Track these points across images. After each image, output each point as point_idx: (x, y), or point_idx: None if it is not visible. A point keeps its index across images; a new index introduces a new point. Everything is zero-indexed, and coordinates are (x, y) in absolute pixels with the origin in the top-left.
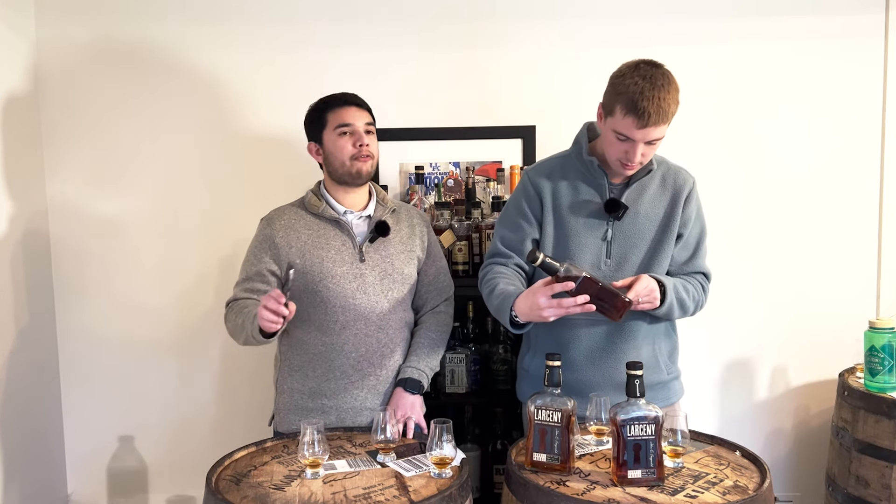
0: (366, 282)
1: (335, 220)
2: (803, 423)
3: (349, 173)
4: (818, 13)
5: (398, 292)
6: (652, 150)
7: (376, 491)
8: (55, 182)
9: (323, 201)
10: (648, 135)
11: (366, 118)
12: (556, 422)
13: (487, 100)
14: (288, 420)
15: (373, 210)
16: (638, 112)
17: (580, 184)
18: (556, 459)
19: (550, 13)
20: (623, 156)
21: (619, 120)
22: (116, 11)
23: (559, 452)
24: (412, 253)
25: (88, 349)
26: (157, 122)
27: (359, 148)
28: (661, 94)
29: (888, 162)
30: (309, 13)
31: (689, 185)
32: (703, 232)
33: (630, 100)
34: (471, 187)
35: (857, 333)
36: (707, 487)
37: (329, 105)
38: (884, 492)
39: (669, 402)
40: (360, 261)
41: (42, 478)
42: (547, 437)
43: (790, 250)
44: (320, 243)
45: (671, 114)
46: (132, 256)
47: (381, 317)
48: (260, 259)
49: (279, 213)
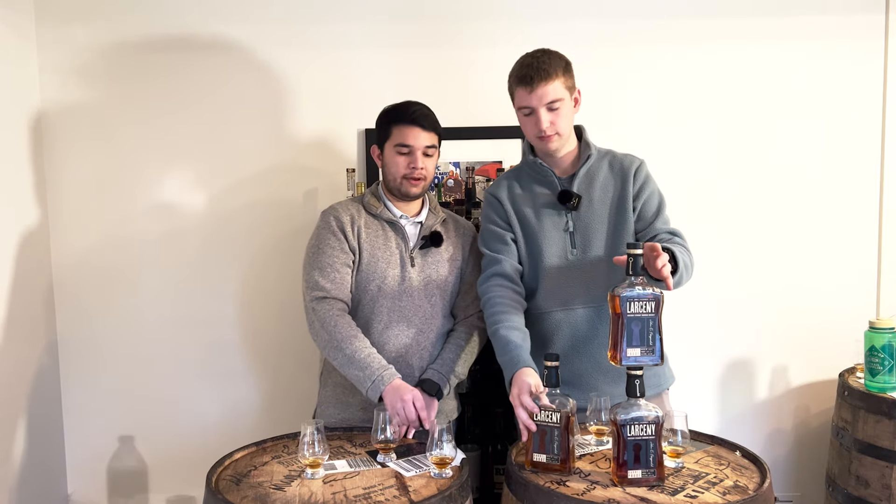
0: (412, 285)
1: (391, 221)
2: (803, 423)
3: (398, 190)
4: (818, 13)
5: (440, 299)
6: (559, 118)
7: (376, 491)
8: (56, 183)
9: (381, 203)
10: (542, 96)
11: (428, 140)
12: (556, 422)
13: (487, 100)
14: (328, 413)
15: (425, 217)
16: (522, 78)
17: (534, 185)
18: (555, 460)
19: (550, 13)
20: (535, 129)
21: (516, 98)
22: (116, 12)
23: (559, 452)
24: (456, 262)
25: (88, 349)
26: (158, 122)
27: (411, 170)
28: (537, 56)
29: (888, 162)
30: (309, 13)
31: (636, 164)
32: (661, 202)
33: (515, 74)
34: (471, 187)
35: (857, 333)
36: (707, 487)
37: (396, 119)
38: (884, 492)
39: (660, 388)
40: (411, 265)
41: (42, 478)
42: (547, 437)
43: (790, 250)
44: (378, 243)
45: (553, 72)
46: (133, 257)
47: (423, 321)
48: (338, 248)
49: (344, 208)
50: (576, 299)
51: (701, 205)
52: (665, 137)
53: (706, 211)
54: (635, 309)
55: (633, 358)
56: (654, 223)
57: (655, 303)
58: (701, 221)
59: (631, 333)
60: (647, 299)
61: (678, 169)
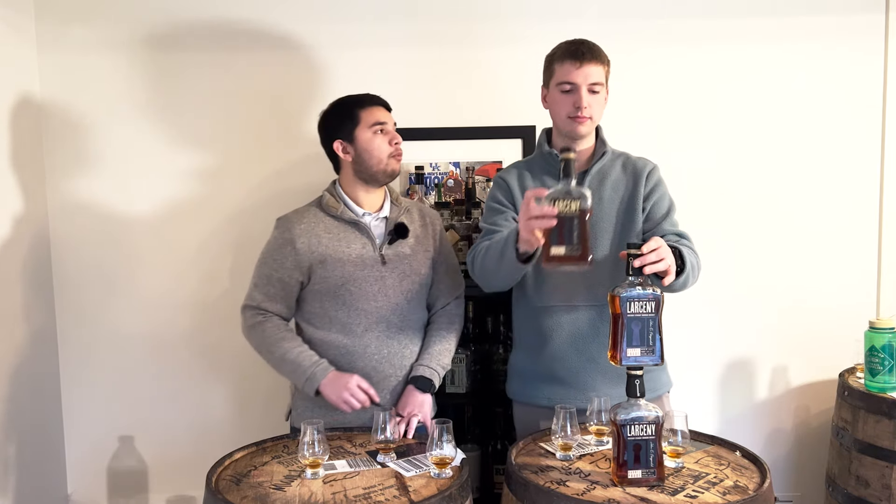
0: (387, 284)
1: (354, 222)
2: (803, 423)
3: (384, 171)
4: (817, 14)
5: (417, 293)
6: (595, 103)
7: (376, 491)
8: (56, 182)
9: (341, 203)
10: (588, 75)
11: (393, 119)
12: (574, 211)
13: (487, 100)
14: (306, 417)
15: (388, 211)
16: (574, 52)
17: (545, 177)
18: (576, 250)
19: (550, 13)
20: (571, 108)
21: (559, 72)
22: (116, 12)
23: (578, 243)
24: (427, 252)
25: (88, 349)
26: (159, 122)
27: (395, 146)
28: (585, 40)
29: (888, 162)
30: (308, 13)
31: (649, 166)
32: (671, 206)
33: (564, 49)
34: (471, 187)
35: (857, 333)
36: (707, 487)
37: (361, 103)
38: (884, 492)
39: (656, 392)
40: (382, 263)
41: (42, 478)
42: (565, 228)
43: (790, 250)
44: (341, 246)
45: (601, 56)
46: (133, 257)
47: (402, 318)
48: (281, 264)
49: (298, 216)
50: (578, 297)
51: (700, 205)
52: (664, 137)
53: (705, 211)
54: (635, 309)
55: (633, 358)
56: (661, 224)
57: (655, 303)
58: (700, 221)
59: (631, 333)
60: (646, 299)
61: (677, 169)
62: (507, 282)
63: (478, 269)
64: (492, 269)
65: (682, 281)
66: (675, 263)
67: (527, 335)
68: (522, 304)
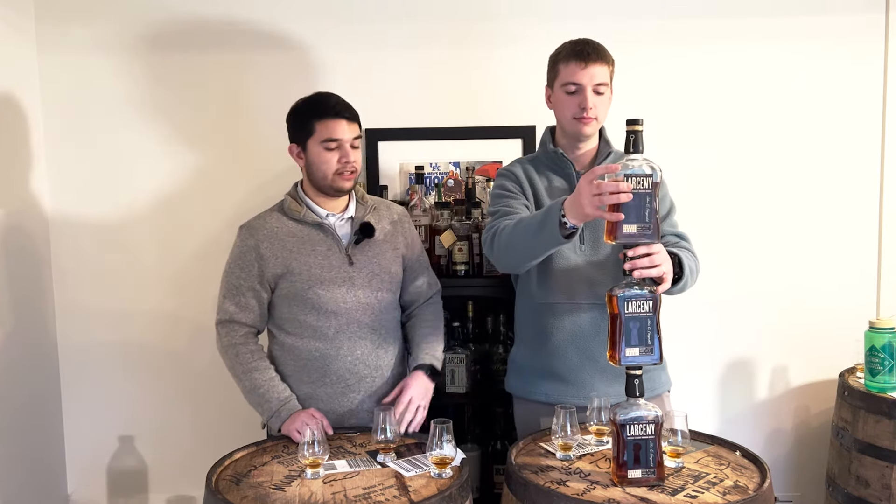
0: (355, 284)
1: (318, 224)
2: (803, 423)
3: (331, 187)
4: (818, 14)
5: (388, 291)
6: (600, 103)
7: (376, 491)
8: (56, 183)
9: (304, 206)
10: (593, 75)
11: (354, 131)
12: (647, 188)
13: (487, 100)
14: None
15: (353, 211)
16: (578, 53)
17: (549, 174)
18: (647, 228)
19: (550, 13)
20: (576, 109)
21: (564, 72)
22: (116, 12)
23: (650, 220)
24: (397, 251)
25: (88, 349)
26: (159, 122)
27: (344, 164)
28: (590, 40)
29: (888, 162)
30: (308, 13)
31: None
32: (672, 207)
33: (569, 49)
34: (471, 187)
35: (857, 333)
36: (707, 487)
37: (318, 114)
38: (884, 492)
39: (655, 392)
40: (349, 264)
41: (42, 478)
42: (637, 205)
43: (790, 250)
44: (306, 250)
45: (606, 56)
46: (132, 257)
47: (374, 318)
48: (246, 272)
49: (261, 222)
50: (580, 295)
51: (700, 204)
52: (664, 137)
53: (705, 211)
54: (633, 308)
55: (632, 358)
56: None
57: (653, 302)
58: (700, 221)
59: (629, 333)
60: (644, 299)
61: (677, 169)
62: (534, 258)
63: (503, 243)
64: (522, 244)
65: (678, 288)
66: (674, 271)
67: (528, 331)
68: (525, 300)
